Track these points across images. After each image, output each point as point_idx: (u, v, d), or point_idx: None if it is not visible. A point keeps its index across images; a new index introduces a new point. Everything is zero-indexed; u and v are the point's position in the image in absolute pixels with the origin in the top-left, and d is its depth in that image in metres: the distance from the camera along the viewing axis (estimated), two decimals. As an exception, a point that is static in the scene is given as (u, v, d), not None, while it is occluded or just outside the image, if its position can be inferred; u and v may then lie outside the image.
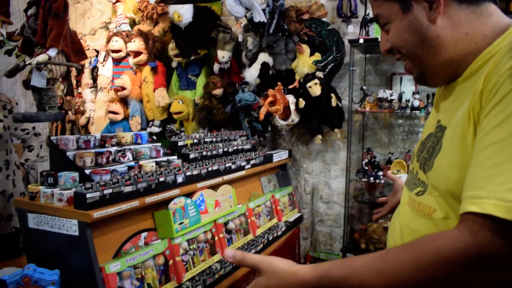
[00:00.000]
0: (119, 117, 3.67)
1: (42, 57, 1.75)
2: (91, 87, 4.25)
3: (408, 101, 2.82)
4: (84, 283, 1.47)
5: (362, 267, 0.74)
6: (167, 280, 1.77)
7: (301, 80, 3.07)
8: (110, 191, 1.56)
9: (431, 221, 0.83)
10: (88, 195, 1.49)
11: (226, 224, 2.25)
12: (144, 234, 1.81)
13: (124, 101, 3.72)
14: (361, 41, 2.81)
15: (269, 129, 3.16)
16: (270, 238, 2.55)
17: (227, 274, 2.08)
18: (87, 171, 1.72)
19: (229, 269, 2.09)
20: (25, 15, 1.92)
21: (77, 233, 1.50)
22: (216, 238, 2.14)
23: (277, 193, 2.88)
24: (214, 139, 2.58)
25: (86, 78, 4.34)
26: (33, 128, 2.59)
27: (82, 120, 4.26)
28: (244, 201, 2.55)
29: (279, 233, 2.67)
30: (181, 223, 1.88)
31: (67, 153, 1.80)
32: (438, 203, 0.82)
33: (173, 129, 3.49)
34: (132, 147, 2.07)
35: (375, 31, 2.85)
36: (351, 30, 3.10)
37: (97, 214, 1.48)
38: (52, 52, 1.81)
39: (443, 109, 0.89)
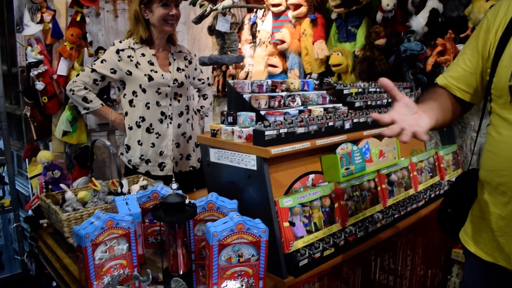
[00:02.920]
0: (278, 70, 3.79)
1: (227, 2, 1.88)
2: (250, 43, 4.43)
3: None
4: (260, 214, 1.57)
5: None
6: (331, 222, 1.82)
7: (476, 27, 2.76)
8: (285, 130, 1.64)
9: None
10: (266, 133, 1.58)
11: (388, 175, 2.20)
12: (311, 176, 1.87)
13: (282, 55, 3.82)
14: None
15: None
16: (432, 195, 2.43)
17: (389, 224, 2.06)
18: (262, 112, 1.83)
19: (390, 220, 2.06)
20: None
21: (255, 167, 1.61)
22: (379, 188, 2.11)
23: (441, 150, 2.71)
24: (378, 89, 2.50)
25: (245, 34, 4.53)
26: (208, 78, 2.83)
27: (242, 75, 4.50)
28: (406, 155, 2.46)
29: (441, 191, 2.53)
30: (347, 169, 1.90)
31: (244, 95, 1.93)
32: None
33: (331, 82, 3.48)
34: (301, 93, 2.12)
35: None
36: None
37: (274, 150, 1.57)
38: (237, -4, 1.95)
39: None
